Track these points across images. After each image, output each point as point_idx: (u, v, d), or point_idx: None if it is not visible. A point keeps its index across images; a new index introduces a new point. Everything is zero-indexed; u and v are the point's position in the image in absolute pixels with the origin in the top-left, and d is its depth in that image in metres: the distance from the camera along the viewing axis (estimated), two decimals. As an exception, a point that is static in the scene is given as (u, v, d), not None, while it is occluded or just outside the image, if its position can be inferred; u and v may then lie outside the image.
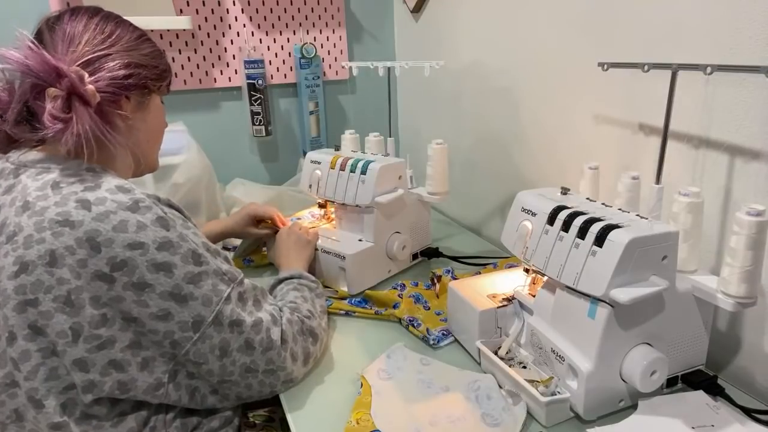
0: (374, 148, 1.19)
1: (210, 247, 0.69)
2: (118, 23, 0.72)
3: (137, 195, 0.65)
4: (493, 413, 0.71)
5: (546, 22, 1.09)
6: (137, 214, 0.63)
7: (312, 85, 1.65)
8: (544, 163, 1.17)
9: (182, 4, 1.48)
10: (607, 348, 0.68)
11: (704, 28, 0.78)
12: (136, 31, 0.74)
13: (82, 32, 0.68)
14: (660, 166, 0.77)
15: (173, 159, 1.24)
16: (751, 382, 0.79)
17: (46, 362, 0.62)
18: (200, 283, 0.66)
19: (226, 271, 0.69)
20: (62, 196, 0.63)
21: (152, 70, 0.74)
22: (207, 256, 0.67)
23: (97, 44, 0.69)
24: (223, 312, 0.67)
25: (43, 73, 0.61)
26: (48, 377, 0.62)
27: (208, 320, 0.66)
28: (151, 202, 0.65)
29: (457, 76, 1.43)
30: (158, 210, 0.65)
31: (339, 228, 1.14)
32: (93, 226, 0.61)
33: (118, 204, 0.63)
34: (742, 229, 0.64)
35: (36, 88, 0.63)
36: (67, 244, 0.60)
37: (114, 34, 0.71)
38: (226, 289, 0.68)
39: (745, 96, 0.74)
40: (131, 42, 0.72)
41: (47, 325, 0.61)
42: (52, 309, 0.61)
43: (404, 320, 0.94)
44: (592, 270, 0.67)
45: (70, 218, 0.61)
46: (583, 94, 1.03)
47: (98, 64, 0.67)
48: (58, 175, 0.66)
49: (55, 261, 0.60)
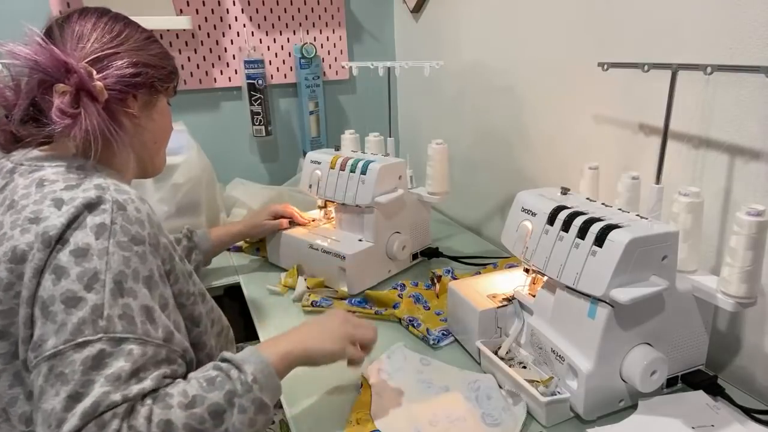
0: (374, 148, 1.19)
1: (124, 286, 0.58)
2: (126, 24, 0.73)
3: (105, 196, 0.61)
4: (493, 413, 0.72)
5: (546, 22, 1.09)
6: (91, 214, 0.59)
7: (312, 85, 1.65)
8: (544, 163, 1.17)
9: (182, 4, 1.48)
10: (607, 348, 0.68)
11: (704, 28, 0.78)
12: (144, 32, 0.74)
13: (90, 30, 0.68)
14: (660, 166, 0.77)
15: (173, 159, 1.24)
16: (751, 382, 0.79)
17: (8, 368, 0.60)
18: (72, 309, 0.55)
19: (108, 317, 0.55)
20: (42, 195, 0.61)
21: (160, 70, 0.74)
22: (106, 291, 0.56)
23: (106, 42, 0.68)
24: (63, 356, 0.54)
25: (52, 68, 0.61)
26: (12, 384, 0.60)
27: (46, 354, 0.54)
28: (109, 206, 0.60)
29: (457, 76, 1.43)
30: (107, 217, 0.59)
31: (339, 228, 1.14)
32: (53, 222, 0.58)
33: (81, 200, 0.60)
34: (742, 229, 0.64)
35: (44, 84, 0.63)
36: (29, 240, 0.58)
37: (123, 33, 0.71)
38: (90, 334, 0.54)
39: (745, 96, 0.74)
40: (139, 42, 0.72)
41: (11, 324, 0.59)
42: (14, 306, 0.58)
43: (404, 320, 0.94)
44: (592, 270, 0.67)
45: (40, 215, 0.59)
46: (583, 94, 1.03)
47: (107, 61, 0.67)
48: (47, 173, 0.65)
49: (16, 258, 0.58)
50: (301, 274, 1.11)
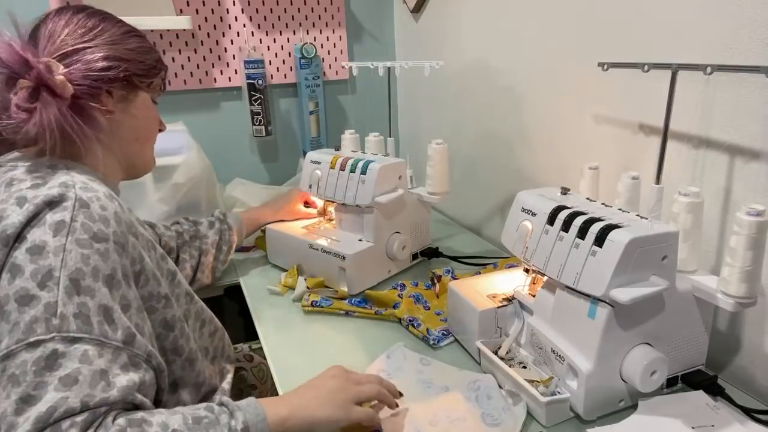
0: (374, 148, 1.19)
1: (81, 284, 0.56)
2: (104, 18, 0.71)
3: (69, 193, 0.60)
4: (493, 413, 0.72)
5: (546, 22, 1.09)
6: (51, 211, 0.58)
7: (312, 85, 1.65)
8: (544, 163, 1.17)
9: (182, 4, 1.48)
10: (607, 348, 0.68)
11: (704, 28, 0.78)
12: (123, 27, 0.73)
13: (63, 27, 0.68)
14: (660, 166, 0.77)
15: (173, 159, 1.24)
16: (751, 382, 0.79)
17: None
18: (25, 307, 0.54)
19: (63, 315, 0.54)
20: (8, 194, 0.61)
21: (137, 64, 0.72)
22: (60, 288, 0.55)
23: (77, 37, 0.68)
24: (15, 357, 0.52)
25: (13, 63, 0.61)
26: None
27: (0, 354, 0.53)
28: (71, 204, 0.59)
29: (457, 76, 1.43)
30: (67, 214, 0.58)
31: (339, 228, 1.14)
32: (12, 220, 0.58)
33: (43, 197, 0.59)
34: (742, 229, 0.64)
35: (11, 81, 0.62)
36: None
37: (97, 27, 0.70)
38: (43, 333, 0.53)
39: (745, 96, 0.74)
40: (116, 36, 0.71)
41: None
42: None
43: (404, 320, 0.94)
44: (592, 270, 0.67)
45: (3, 215, 0.59)
46: (583, 93, 1.03)
47: (76, 56, 0.66)
48: (19, 172, 0.64)
49: None
50: (301, 274, 1.11)
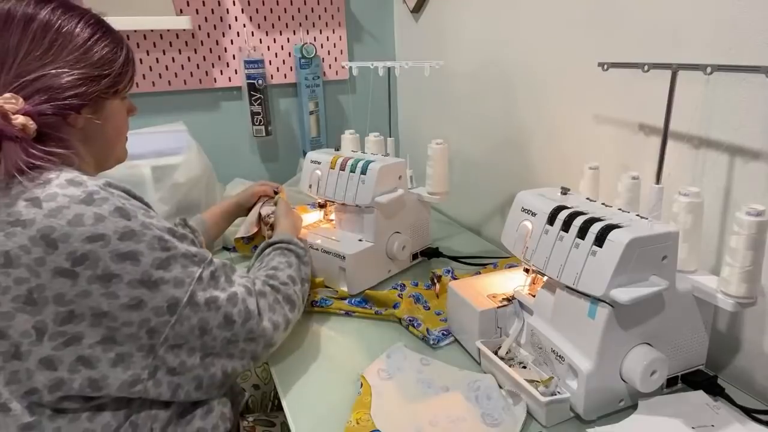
0: (374, 148, 1.19)
1: (176, 232, 0.68)
2: (59, 28, 0.66)
3: (91, 187, 0.62)
4: (493, 413, 0.71)
5: (546, 22, 1.09)
6: (93, 207, 0.61)
7: (312, 85, 1.65)
8: (544, 162, 1.17)
9: (182, 4, 1.48)
10: (607, 348, 0.68)
11: (704, 28, 0.78)
12: (84, 31, 0.67)
13: (16, 46, 0.63)
14: (660, 166, 0.77)
15: (173, 159, 1.24)
16: (751, 382, 0.79)
17: (6, 366, 0.60)
18: (169, 267, 0.65)
19: (195, 253, 0.68)
20: (10, 197, 0.61)
21: (103, 79, 0.69)
22: (174, 241, 0.66)
23: (34, 60, 0.63)
24: (196, 292, 0.67)
25: None
26: (9, 381, 0.60)
27: (183, 301, 0.65)
28: (107, 194, 0.63)
29: (457, 76, 1.43)
30: (116, 201, 0.63)
31: (339, 228, 1.14)
32: (46, 223, 0.59)
33: (70, 198, 0.60)
34: (742, 229, 0.64)
35: None
36: (20, 243, 0.58)
37: (55, 44, 0.65)
38: (197, 270, 0.68)
39: (745, 96, 0.74)
40: (77, 49, 0.66)
41: (9, 327, 0.59)
42: (12, 309, 0.59)
43: (404, 320, 0.94)
44: (592, 270, 0.67)
45: (21, 217, 0.59)
46: (583, 93, 1.03)
47: (37, 83, 0.63)
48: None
49: (10, 262, 0.59)
50: (301, 274, 1.11)
